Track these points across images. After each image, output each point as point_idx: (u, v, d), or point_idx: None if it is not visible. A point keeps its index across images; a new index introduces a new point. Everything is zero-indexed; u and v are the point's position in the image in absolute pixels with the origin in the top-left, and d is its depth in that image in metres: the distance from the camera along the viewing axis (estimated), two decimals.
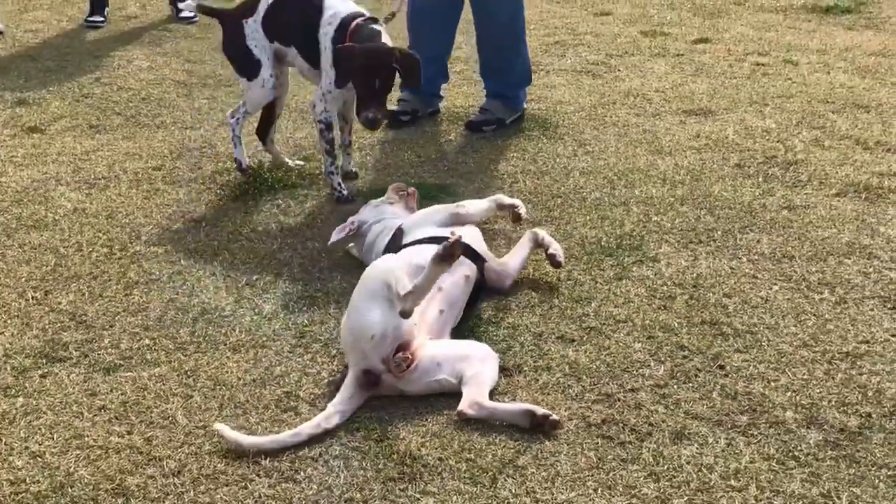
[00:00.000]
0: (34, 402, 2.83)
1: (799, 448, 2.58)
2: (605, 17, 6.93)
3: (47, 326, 3.22)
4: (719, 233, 3.75)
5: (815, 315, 3.19)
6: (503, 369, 2.93)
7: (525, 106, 5.01)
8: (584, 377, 2.89)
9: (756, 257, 3.56)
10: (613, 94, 5.34)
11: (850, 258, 3.54)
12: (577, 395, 2.81)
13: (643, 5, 7.27)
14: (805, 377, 2.87)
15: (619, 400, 2.79)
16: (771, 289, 3.35)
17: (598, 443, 2.62)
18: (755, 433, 2.64)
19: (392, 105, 4.92)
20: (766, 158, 4.42)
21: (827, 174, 4.23)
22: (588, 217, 3.90)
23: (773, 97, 5.22)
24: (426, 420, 2.72)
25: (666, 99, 5.24)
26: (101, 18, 6.96)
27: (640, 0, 7.43)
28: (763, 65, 5.76)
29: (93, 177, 4.39)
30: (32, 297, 3.40)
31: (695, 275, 3.44)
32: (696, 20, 6.84)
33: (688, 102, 5.18)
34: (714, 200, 4.02)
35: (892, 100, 5.12)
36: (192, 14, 7.05)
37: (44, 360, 3.03)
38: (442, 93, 5.16)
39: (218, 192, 4.24)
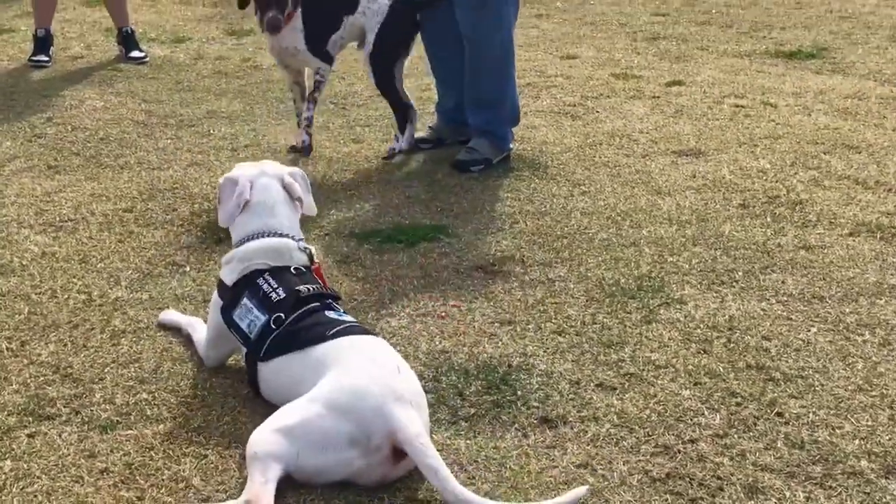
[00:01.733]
0: (25, 466, 2.49)
1: (883, 500, 2.38)
2: (572, 61, 6.80)
3: (29, 380, 2.88)
4: (740, 273, 3.58)
5: (861, 358, 3.01)
6: (546, 420, 2.69)
7: (512, 147, 4.82)
8: (637, 427, 2.66)
9: (785, 298, 3.39)
10: (597, 134, 5.17)
11: (881, 298, 3.39)
12: (632, 448, 2.58)
13: (608, 49, 7.16)
14: (870, 423, 2.68)
15: (679, 452, 2.56)
16: (809, 331, 3.17)
17: (667, 499, 2.38)
18: (833, 485, 2.43)
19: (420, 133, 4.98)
20: (768, 199, 4.28)
21: (835, 214, 4.10)
22: (601, 258, 3.70)
23: (761, 138, 5.11)
24: (475, 478, 2.45)
25: (652, 140, 5.09)
26: (46, 58, 6.60)
27: (604, 45, 7.33)
28: (743, 107, 5.67)
29: (58, 219, 4.05)
30: (7, 349, 3.05)
31: (727, 317, 3.25)
32: (663, 64, 6.75)
33: (675, 143, 5.04)
34: (727, 241, 3.85)
35: (881, 140, 5.04)
36: (142, 55, 6.75)
37: (30, 419, 2.69)
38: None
39: (198, 234, 3.93)
